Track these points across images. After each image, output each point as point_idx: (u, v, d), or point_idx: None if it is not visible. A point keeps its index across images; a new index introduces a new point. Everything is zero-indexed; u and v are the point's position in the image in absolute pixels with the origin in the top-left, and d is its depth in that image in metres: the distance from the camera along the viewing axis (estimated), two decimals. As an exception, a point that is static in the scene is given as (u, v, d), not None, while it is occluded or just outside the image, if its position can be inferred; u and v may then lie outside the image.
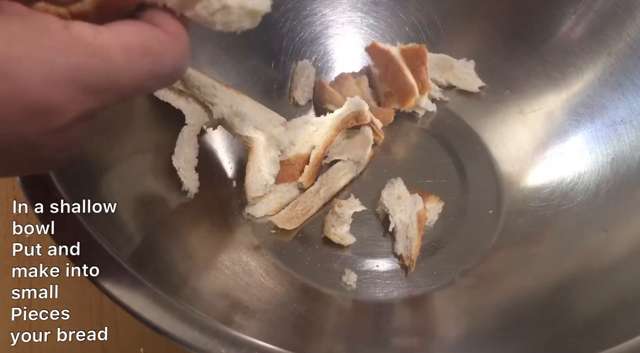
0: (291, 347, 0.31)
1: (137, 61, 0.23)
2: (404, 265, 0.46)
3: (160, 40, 0.23)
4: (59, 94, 0.21)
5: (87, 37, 0.21)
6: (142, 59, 0.23)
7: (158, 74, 0.24)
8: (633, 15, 0.48)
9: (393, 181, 0.48)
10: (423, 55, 0.53)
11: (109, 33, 0.22)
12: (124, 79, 0.22)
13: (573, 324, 0.37)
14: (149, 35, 0.23)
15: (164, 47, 0.24)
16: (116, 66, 0.22)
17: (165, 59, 0.24)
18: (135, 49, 0.22)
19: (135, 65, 0.23)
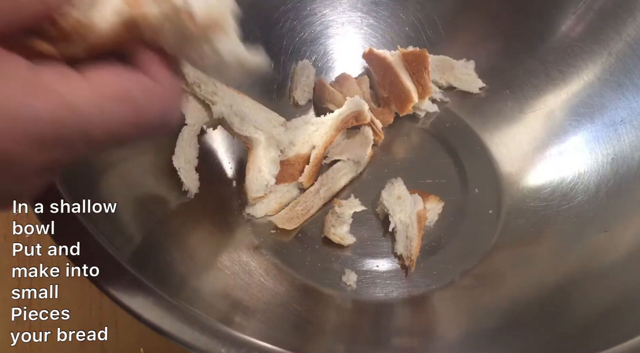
0: (291, 347, 0.31)
1: (112, 110, 0.21)
2: (404, 265, 0.45)
3: (143, 87, 0.22)
4: (14, 146, 0.19)
5: (55, 84, 0.20)
6: (118, 107, 0.21)
7: (140, 123, 0.22)
8: (633, 15, 0.48)
9: (393, 181, 0.48)
10: (424, 60, 0.53)
11: (81, 80, 0.21)
12: (97, 130, 0.21)
13: (573, 324, 0.37)
14: (130, 81, 0.22)
15: (148, 94, 0.22)
16: (85, 116, 0.20)
17: (148, 107, 0.22)
18: (111, 97, 0.21)
19: (110, 114, 0.21)
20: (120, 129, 0.22)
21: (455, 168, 0.52)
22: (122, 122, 0.21)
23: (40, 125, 0.19)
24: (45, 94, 0.20)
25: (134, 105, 0.22)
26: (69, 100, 0.20)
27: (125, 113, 0.21)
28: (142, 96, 0.22)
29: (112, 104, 0.21)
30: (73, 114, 0.20)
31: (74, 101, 0.20)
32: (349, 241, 0.46)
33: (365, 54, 0.55)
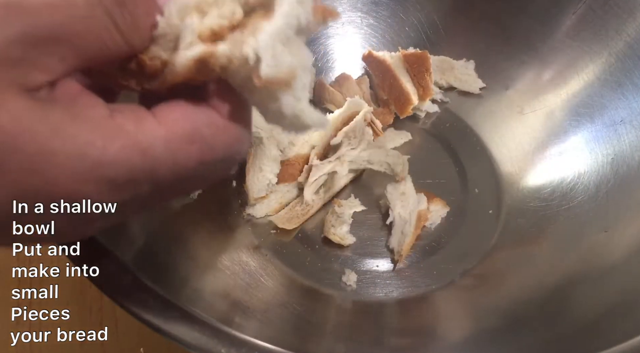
0: (291, 347, 0.31)
1: (180, 151, 0.21)
2: (394, 260, 0.46)
3: (212, 125, 0.22)
4: (86, 188, 0.20)
5: (128, 125, 0.20)
6: (187, 147, 0.21)
7: (207, 161, 0.22)
8: (633, 15, 0.48)
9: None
10: (425, 61, 0.53)
11: (152, 120, 0.21)
12: (163, 171, 0.21)
13: (573, 324, 0.37)
14: (199, 119, 0.22)
15: (217, 132, 0.22)
16: (155, 158, 0.21)
17: (216, 145, 0.22)
18: (180, 138, 0.21)
19: (178, 155, 0.21)
20: (188, 169, 0.22)
21: (455, 168, 0.52)
22: (191, 161, 0.21)
23: (113, 167, 0.20)
24: (119, 137, 0.20)
25: (202, 144, 0.22)
26: (140, 141, 0.20)
27: (194, 153, 0.21)
28: (211, 134, 0.22)
29: (181, 144, 0.21)
30: (142, 156, 0.20)
31: (144, 142, 0.20)
32: (349, 241, 0.46)
33: (364, 56, 0.55)
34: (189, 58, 0.21)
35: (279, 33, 0.21)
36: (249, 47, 0.21)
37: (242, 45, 0.21)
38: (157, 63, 0.22)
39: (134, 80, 0.23)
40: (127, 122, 0.20)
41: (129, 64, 0.22)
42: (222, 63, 0.21)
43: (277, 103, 0.22)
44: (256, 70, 0.21)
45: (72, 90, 0.20)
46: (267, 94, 0.22)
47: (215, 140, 0.22)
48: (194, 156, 0.21)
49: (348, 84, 0.54)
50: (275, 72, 0.21)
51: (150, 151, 0.20)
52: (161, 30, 0.22)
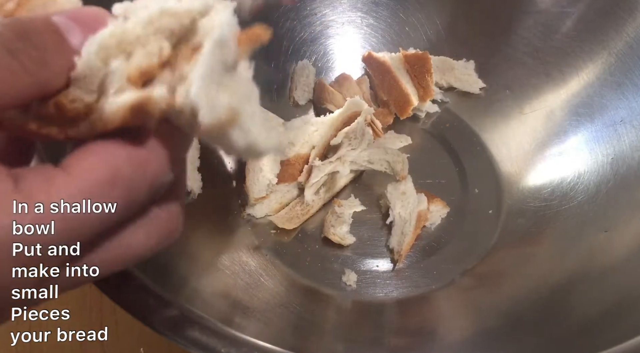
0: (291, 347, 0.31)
1: (103, 199, 0.19)
2: (394, 259, 0.46)
3: (131, 161, 0.20)
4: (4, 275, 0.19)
5: (38, 195, 0.19)
6: (109, 194, 0.19)
7: (133, 202, 0.20)
8: (633, 15, 0.48)
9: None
10: (426, 62, 0.53)
11: (63, 179, 0.19)
12: (88, 227, 0.19)
13: (573, 324, 0.37)
14: (116, 160, 0.20)
15: (138, 167, 0.20)
16: (76, 219, 0.19)
17: (140, 182, 0.20)
18: (98, 186, 0.19)
19: (102, 205, 0.19)
20: (115, 216, 0.20)
21: (455, 168, 0.52)
22: (115, 205, 0.20)
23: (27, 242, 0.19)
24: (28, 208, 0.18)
25: (125, 184, 0.20)
26: (53, 207, 0.19)
27: (118, 195, 0.20)
28: (132, 171, 0.20)
29: (102, 192, 0.19)
30: (62, 220, 0.19)
31: (60, 205, 0.19)
32: (348, 241, 0.46)
33: (364, 57, 0.55)
34: (124, 105, 0.20)
35: (208, 77, 0.20)
36: (182, 99, 0.20)
37: (175, 94, 0.20)
38: (79, 106, 0.20)
39: (55, 128, 0.21)
40: (35, 189, 0.19)
41: (46, 108, 0.20)
42: (162, 108, 0.20)
43: (227, 139, 0.21)
44: (195, 120, 0.20)
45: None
46: (215, 133, 0.21)
47: (139, 177, 0.20)
48: (119, 201, 0.20)
49: (348, 84, 0.54)
50: (215, 117, 0.20)
51: (68, 214, 0.19)
52: (81, 72, 0.20)
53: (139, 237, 0.22)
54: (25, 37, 0.19)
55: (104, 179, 0.19)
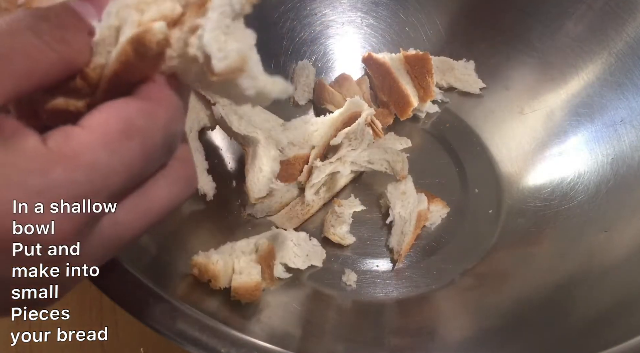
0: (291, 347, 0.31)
1: (121, 149, 0.20)
2: (393, 259, 0.46)
3: (143, 112, 0.21)
4: (36, 220, 0.19)
5: (63, 147, 0.20)
6: (127, 144, 0.20)
7: (150, 151, 0.21)
8: (633, 15, 0.48)
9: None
10: (427, 63, 0.53)
11: (81, 132, 0.20)
12: (114, 175, 0.20)
13: (573, 324, 0.37)
14: (128, 112, 0.21)
15: (150, 117, 0.21)
16: (99, 167, 0.20)
17: (154, 131, 0.21)
18: (116, 136, 0.20)
19: (121, 154, 0.20)
20: (135, 162, 0.21)
21: (455, 168, 0.52)
22: (134, 154, 0.21)
23: (57, 191, 0.19)
24: (55, 160, 0.19)
25: (140, 134, 0.21)
26: (78, 157, 0.20)
27: (135, 145, 0.21)
28: (145, 122, 0.21)
29: (119, 142, 0.20)
30: (85, 168, 0.20)
31: (84, 156, 0.20)
32: (348, 241, 0.46)
33: (364, 58, 0.55)
34: (126, 40, 0.21)
35: (218, 26, 0.21)
36: (195, 48, 0.21)
37: (187, 46, 0.22)
38: (99, 71, 0.22)
39: (82, 102, 0.22)
40: (59, 144, 0.20)
41: (74, 83, 0.22)
42: (159, 39, 0.21)
43: (237, 88, 0.22)
44: (209, 67, 0.21)
45: (6, 125, 0.20)
46: (225, 83, 0.22)
47: (152, 126, 0.21)
48: (137, 150, 0.21)
49: (348, 84, 0.54)
50: (227, 63, 0.21)
51: (90, 162, 0.20)
52: (100, 36, 0.22)
53: (162, 188, 0.23)
54: (47, 19, 0.20)
55: (119, 129, 0.20)
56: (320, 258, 0.45)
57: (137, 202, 0.23)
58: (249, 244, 0.41)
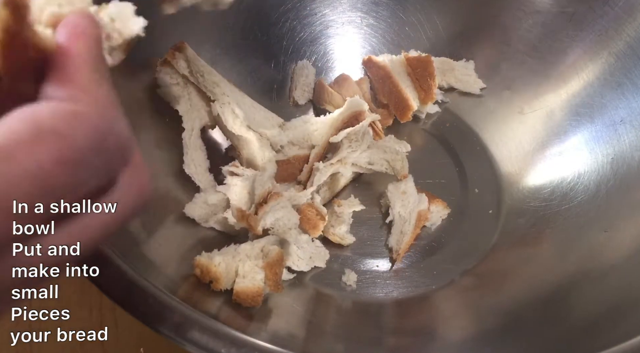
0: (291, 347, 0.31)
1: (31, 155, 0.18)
2: (392, 258, 0.46)
3: (55, 114, 0.19)
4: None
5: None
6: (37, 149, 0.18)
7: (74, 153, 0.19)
8: (633, 15, 0.48)
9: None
10: (429, 65, 0.53)
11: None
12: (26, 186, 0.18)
13: (573, 324, 0.37)
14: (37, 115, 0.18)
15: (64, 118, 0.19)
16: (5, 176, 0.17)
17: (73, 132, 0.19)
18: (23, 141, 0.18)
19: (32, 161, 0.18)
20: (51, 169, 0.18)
21: (455, 168, 0.52)
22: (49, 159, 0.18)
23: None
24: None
25: (54, 136, 0.18)
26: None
27: (49, 148, 0.18)
28: (59, 123, 0.18)
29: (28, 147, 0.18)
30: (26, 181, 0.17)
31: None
32: (348, 241, 0.46)
33: (364, 61, 0.55)
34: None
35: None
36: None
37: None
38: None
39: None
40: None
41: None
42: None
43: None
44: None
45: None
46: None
47: (70, 126, 0.19)
48: (52, 153, 0.18)
49: (347, 84, 0.54)
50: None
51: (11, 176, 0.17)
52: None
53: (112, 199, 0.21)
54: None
55: (27, 134, 0.18)
56: (324, 259, 0.45)
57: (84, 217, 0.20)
58: (254, 248, 0.40)
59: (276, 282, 0.39)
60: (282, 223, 0.41)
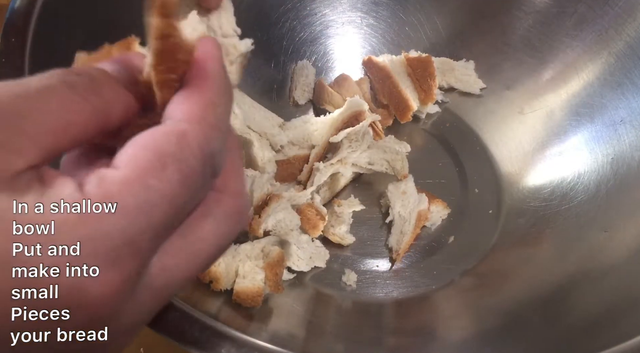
0: (291, 347, 0.31)
1: (156, 181, 0.19)
2: (392, 258, 0.46)
3: (171, 136, 0.20)
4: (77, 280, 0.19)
5: (97, 191, 0.18)
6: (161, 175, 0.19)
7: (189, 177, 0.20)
8: (633, 15, 0.48)
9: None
10: (429, 66, 0.53)
11: (116, 172, 0.19)
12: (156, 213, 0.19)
13: (573, 324, 0.37)
14: (156, 140, 0.20)
15: (179, 140, 0.20)
16: (138, 204, 0.19)
17: (186, 154, 0.20)
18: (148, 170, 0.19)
19: (159, 186, 0.19)
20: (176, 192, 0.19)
21: (455, 168, 0.52)
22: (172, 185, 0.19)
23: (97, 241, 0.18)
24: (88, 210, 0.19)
25: (174, 161, 0.19)
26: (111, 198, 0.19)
27: (171, 174, 0.19)
28: (176, 148, 0.19)
29: (153, 174, 0.19)
30: (122, 210, 0.18)
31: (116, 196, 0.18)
32: (348, 241, 0.46)
33: (364, 61, 0.55)
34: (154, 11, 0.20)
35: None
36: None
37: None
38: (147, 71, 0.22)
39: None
40: (94, 188, 0.19)
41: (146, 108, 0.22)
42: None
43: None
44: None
45: (46, 176, 0.19)
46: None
47: (184, 149, 0.20)
48: (174, 178, 0.19)
49: (347, 84, 0.54)
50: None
51: (127, 203, 0.18)
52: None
53: (210, 225, 0.22)
54: (78, 74, 0.20)
55: (150, 160, 0.19)
56: (324, 259, 0.44)
57: (183, 244, 0.21)
58: (254, 248, 0.40)
59: (276, 283, 0.39)
60: (283, 225, 0.41)
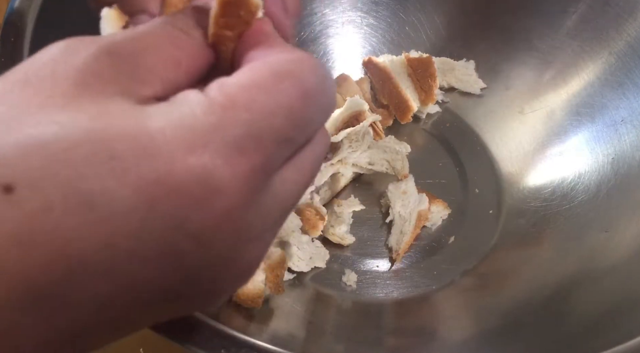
0: (291, 347, 0.31)
1: (276, 89, 0.19)
2: (392, 258, 0.46)
3: (288, 59, 0.20)
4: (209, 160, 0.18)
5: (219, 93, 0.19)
6: (280, 84, 0.19)
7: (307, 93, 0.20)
8: (633, 15, 0.48)
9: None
10: (430, 66, 0.53)
11: (235, 78, 0.20)
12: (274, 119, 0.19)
13: (573, 324, 0.37)
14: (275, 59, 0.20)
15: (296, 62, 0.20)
16: (258, 106, 0.19)
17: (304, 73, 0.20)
18: (269, 77, 0.20)
19: (277, 95, 0.19)
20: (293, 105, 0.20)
21: (455, 168, 0.52)
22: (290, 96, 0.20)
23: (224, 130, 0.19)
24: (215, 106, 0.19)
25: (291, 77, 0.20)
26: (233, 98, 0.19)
27: (289, 86, 0.20)
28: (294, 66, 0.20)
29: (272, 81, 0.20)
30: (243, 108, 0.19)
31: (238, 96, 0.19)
32: (348, 241, 0.46)
33: (364, 62, 0.55)
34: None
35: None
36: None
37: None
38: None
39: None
40: (215, 91, 0.19)
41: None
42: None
43: None
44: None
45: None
46: None
47: (302, 68, 0.20)
48: (292, 91, 0.20)
49: (347, 84, 0.53)
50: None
51: (248, 102, 0.19)
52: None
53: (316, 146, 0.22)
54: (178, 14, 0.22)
55: (269, 71, 0.20)
56: (324, 259, 0.44)
57: (298, 161, 0.22)
58: None
59: (277, 284, 0.39)
60: (284, 226, 0.41)
